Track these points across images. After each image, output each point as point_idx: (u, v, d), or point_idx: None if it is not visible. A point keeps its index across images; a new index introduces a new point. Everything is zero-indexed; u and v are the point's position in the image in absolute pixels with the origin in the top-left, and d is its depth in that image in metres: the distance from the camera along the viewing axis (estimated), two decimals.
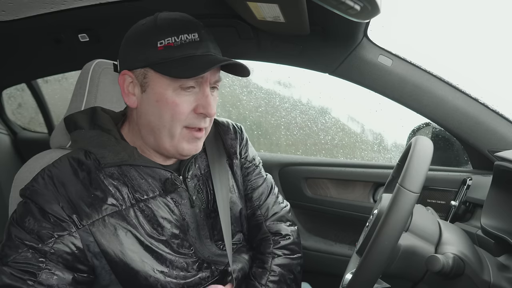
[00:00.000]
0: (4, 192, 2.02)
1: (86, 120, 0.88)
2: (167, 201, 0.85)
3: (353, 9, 0.85)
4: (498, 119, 1.25)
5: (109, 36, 1.49)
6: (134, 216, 0.81)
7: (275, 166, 1.69)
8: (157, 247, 0.82)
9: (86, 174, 0.79)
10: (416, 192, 0.69)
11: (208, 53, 0.79)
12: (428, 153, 0.74)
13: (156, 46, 0.76)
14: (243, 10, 1.12)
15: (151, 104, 0.80)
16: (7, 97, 2.38)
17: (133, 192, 0.81)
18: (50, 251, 0.73)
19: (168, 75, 0.77)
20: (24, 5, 1.28)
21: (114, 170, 0.81)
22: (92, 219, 0.77)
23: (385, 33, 1.39)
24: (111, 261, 0.78)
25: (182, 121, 0.80)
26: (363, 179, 1.54)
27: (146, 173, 0.84)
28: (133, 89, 0.82)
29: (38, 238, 0.73)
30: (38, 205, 0.75)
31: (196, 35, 0.78)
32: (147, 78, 0.79)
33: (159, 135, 0.81)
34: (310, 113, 2.20)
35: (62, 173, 0.79)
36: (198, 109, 0.80)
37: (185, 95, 0.79)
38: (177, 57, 0.76)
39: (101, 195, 0.79)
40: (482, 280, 0.76)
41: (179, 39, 0.76)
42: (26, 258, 0.72)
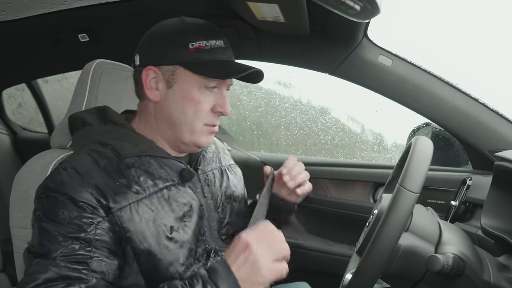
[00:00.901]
0: (4, 192, 2.02)
1: (96, 118, 0.91)
2: (185, 189, 0.89)
3: (353, 9, 0.85)
4: (498, 119, 1.25)
5: (109, 36, 1.49)
6: (158, 203, 0.83)
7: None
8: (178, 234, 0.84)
9: (108, 163, 0.81)
10: (416, 192, 0.69)
11: (231, 59, 0.88)
12: (428, 153, 0.74)
13: (188, 47, 0.83)
14: (243, 10, 1.12)
15: (176, 99, 0.85)
16: (7, 97, 2.38)
17: (154, 180, 0.84)
18: (95, 238, 0.74)
19: (203, 74, 0.83)
20: (24, 5, 1.28)
21: (134, 160, 0.84)
22: (120, 205, 0.78)
23: (385, 33, 1.39)
24: (136, 248, 0.79)
25: (202, 118, 0.86)
26: (363, 179, 1.54)
27: (164, 163, 0.88)
28: (156, 84, 0.86)
29: (79, 227, 0.73)
30: (68, 195, 0.75)
31: (222, 42, 0.86)
32: (175, 75, 0.84)
33: (180, 129, 0.86)
34: (310, 113, 2.20)
35: (83, 163, 0.79)
36: (216, 108, 0.87)
37: (207, 95, 0.85)
38: (207, 59, 0.83)
39: (125, 183, 0.80)
40: (482, 280, 0.76)
41: (209, 43, 0.84)
42: (74, 250, 0.72)
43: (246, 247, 0.70)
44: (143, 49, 0.88)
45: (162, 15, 1.38)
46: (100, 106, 0.94)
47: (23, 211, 0.88)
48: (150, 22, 1.46)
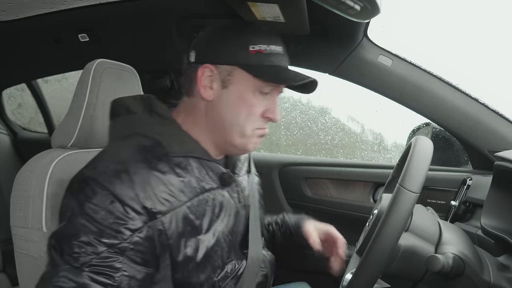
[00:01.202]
0: (4, 192, 2.02)
1: (141, 106, 0.87)
2: (224, 193, 0.88)
3: (353, 9, 0.85)
4: (498, 119, 1.25)
5: (109, 36, 1.49)
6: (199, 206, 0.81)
7: (275, 166, 1.69)
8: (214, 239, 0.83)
9: (157, 162, 0.77)
10: (416, 192, 0.69)
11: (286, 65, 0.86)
12: (428, 153, 0.74)
13: (248, 49, 0.81)
14: (243, 10, 1.12)
15: (230, 100, 0.83)
16: (7, 97, 2.39)
17: (198, 182, 0.82)
18: (129, 247, 0.70)
19: (262, 79, 0.81)
20: (24, 5, 1.28)
21: (180, 160, 0.81)
22: (165, 211, 0.75)
23: (385, 33, 1.39)
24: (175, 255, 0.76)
25: (253, 122, 0.84)
26: (363, 179, 1.54)
27: (207, 165, 0.86)
28: (211, 83, 0.83)
29: (116, 233, 0.69)
30: (113, 194, 0.70)
31: (281, 48, 0.85)
32: (232, 76, 0.82)
33: (230, 131, 0.84)
34: (310, 113, 2.20)
35: (131, 159, 0.75)
36: (267, 113, 0.85)
37: (260, 99, 0.84)
38: (266, 64, 0.82)
39: (172, 186, 0.77)
40: (482, 280, 0.76)
41: (269, 48, 0.82)
42: (105, 261, 0.68)
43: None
44: (201, 46, 0.85)
45: (162, 15, 1.38)
46: (145, 94, 0.90)
47: (23, 210, 0.88)
48: (150, 22, 1.47)
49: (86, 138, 0.99)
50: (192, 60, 0.85)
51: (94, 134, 0.99)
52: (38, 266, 0.86)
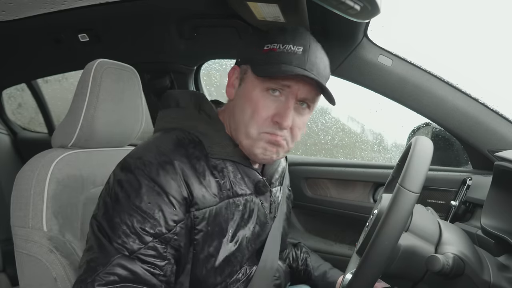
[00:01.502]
0: (4, 192, 2.02)
1: (191, 102, 0.89)
2: (257, 201, 0.88)
3: (353, 9, 0.85)
4: (498, 119, 1.25)
5: (109, 36, 1.49)
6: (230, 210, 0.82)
7: None
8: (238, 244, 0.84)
9: (196, 160, 0.79)
10: (416, 192, 0.69)
11: (301, 66, 0.79)
12: (428, 153, 0.74)
13: (262, 48, 0.80)
14: (243, 10, 1.12)
15: (241, 98, 0.84)
16: (7, 97, 2.39)
17: (232, 186, 0.83)
18: (174, 238, 0.73)
19: (255, 74, 0.81)
20: (24, 5, 1.28)
21: (218, 162, 0.83)
22: (199, 206, 0.77)
23: (385, 33, 1.39)
24: (198, 251, 0.78)
25: (259, 124, 0.81)
26: (363, 179, 1.54)
27: (244, 171, 0.87)
28: (235, 82, 0.87)
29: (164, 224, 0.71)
30: (159, 185, 0.72)
31: (301, 48, 0.79)
32: (246, 74, 0.84)
33: (239, 130, 0.84)
34: None
35: (175, 152, 0.77)
36: (275, 117, 0.80)
37: (269, 100, 0.80)
38: (273, 63, 0.78)
39: (208, 185, 0.79)
40: (482, 280, 0.76)
41: (283, 46, 0.79)
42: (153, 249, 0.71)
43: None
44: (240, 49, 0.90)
45: (162, 15, 1.38)
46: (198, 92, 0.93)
47: (24, 210, 0.88)
48: (150, 22, 1.47)
49: (87, 138, 0.99)
50: None
51: (94, 134, 0.99)
52: (39, 266, 0.86)
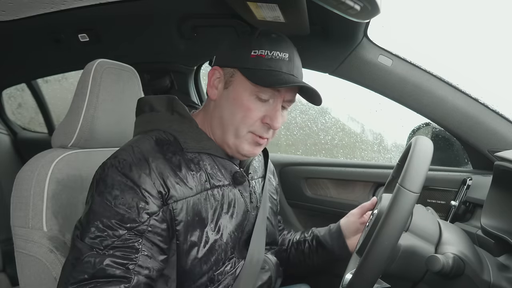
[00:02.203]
0: (4, 192, 2.02)
1: (164, 105, 0.93)
2: (236, 192, 0.92)
3: (353, 9, 0.85)
4: (498, 119, 1.25)
5: (109, 36, 1.49)
6: (209, 201, 0.85)
7: (275, 166, 1.68)
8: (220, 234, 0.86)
9: (172, 155, 0.83)
10: (416, 192, 0.69)
11: (290, 73, 0.86)
12: (428, 153, 0.74)
13: (250, 53, 0.85)
14: (243, 10, 1.12)
15: (228, 100, 0.88)
16: (7, 97, 2.39)
17: (209, 178, 0.87)
18: (148, 229, 0.76)
19: (251, 81, 0.84)
20: (24, 5, 1.28)
21: (194, 155, 0.86)
22: (176, 198, 0.80)
23: (385, 33, 1.39)
24: (181, 242, 0.81)
25: (249, 126, 0.87)
26: (363, 179, 1.54)
27: (220, 163, 0.91)
28: (218, 84, 0.90)
29: (136, 216, 0.75)
30: (132, 180, 0.76)
31: (287, 55, 0.86)
32: (233, 78, 0.87)
33: (226, 130, 0.88)
34: (310, 113, 2.19)
35: (150, 150, 0.81)
36: (266, 119, 0.87)
37: (258, 104, 0.86)
38: (263, 68, 0.84)
39: (184, 178, 0.82)
40: (482, 280, 0.76)
41: (271, 53, 0.85)
42: (125, 242, 0.74)
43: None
44: (218, 51, 0.93)
45: (162, 15, 1.38)
46: (169, 95, 0.96)
47: (24, 210, 0.89)
48: (150, 22, 1.47)
49: (87, 138, 0.99)
50: (212, 64, 0.91)
51: (94, 134, 0.99)
52: (39, 266, 0.86)
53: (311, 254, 1.16)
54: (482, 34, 1.81)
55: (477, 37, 1.82)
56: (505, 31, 1.74)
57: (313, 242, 1.16)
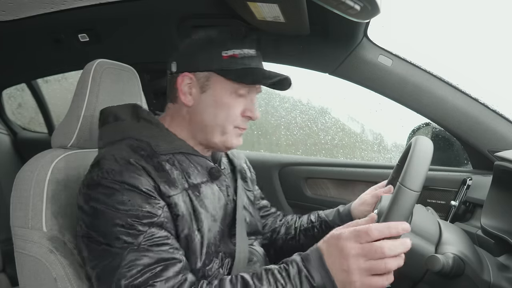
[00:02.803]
0: (4, 192, 2.02)
1: (128, 113, 0.94)
2: (214, 187, 0.93)
3: (353, 9, 0.85)
4: (498, 119, 1.25)
5: (109, 36, 1.49)
6: (190, 199, 0.86)
7: (275, 166, 1.69)
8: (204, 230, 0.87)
9: (149, 158, 0.84)
10: (416, 190, 0.69)
11: (259, 67, 0.92)
12: (428, 153, 0.74)
13: (221, 55, 0.88)
14: (243, 10, 1.12)
15: (209, 104, 0.90)
16: (7, 97, 2.39)
17: (187, 177, 0.88)
18: (165, 221, 0.78)
19: (234, 80, 0.88)
20: (24, 5, 1.28)
21: (168, 157, 0.87)
22: (167, 195, 0.81)
23: (385, 33, 1.39)
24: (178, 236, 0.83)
25: (233, 122, 0.91)
26: (363, 179, 1.54)
27: (195, 160, 0.92)
28: (190, 89, 0.91)
29: (150, 213, 0.76)
30: (129, 184, 0.77)
31: (254, 51, 0.91)
32: (210, 81, 0.89)
33: (212, 131, 0.91)
34: (310, 113, 2.20)
35: (130, 155, 0.82)
36: (246, 112, 0.91)
37: (238, 100, 0.90)
38: (238, 67, 0.88)
39: (166, 177, 0.84)
40: (482, 280, 0.76)
41: (242, 51, 0.89)
42: (153, 235, 0.75)
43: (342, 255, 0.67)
44: (180, 57, 0.92)
45: (162, 15, 1.38)
46: (132, 104, 0.97)
47: (23, 210, 0.88)
48: (150, 22, 1.47)
49: (86, 138, 0.99)
50: (174, 70, 0.92)
51: (94, 134, 0.99)
52: (38, 266, 0.86)
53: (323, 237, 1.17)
54: (482, 34, 1.81)
55: (477, 37, 1.83)
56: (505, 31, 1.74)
57: (322, 227, 1.16)
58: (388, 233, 0.66)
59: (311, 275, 0.69)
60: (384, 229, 0.66)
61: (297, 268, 0.70)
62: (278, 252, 1.19)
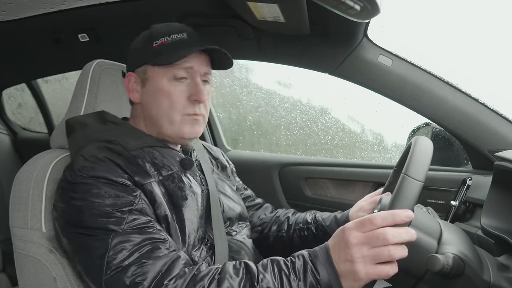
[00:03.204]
0: (4, 192, 2.02)
1: (94, 120, 0.95)
2: (187, 176, 0.95)
3: (353, 9, 0.85)
4: (498, 119, 1.25)
5: (109, 36, 1.49)
6: (164, 190, 0.87)
7: (275, 166, 1.69)
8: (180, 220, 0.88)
9: (118, 155, 0.85)
10: (420, 180, 0.69)
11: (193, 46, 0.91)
12: (429, 147, 0.75)
13: (152, 46, 0.91)
14: (243, 10, 1.12)
15: (151, 95, 0.92)
16: (7, 97, 2.39)
17: (159, 168, 0.89)
18: (143, 207, 0.79)
19: (160, 63, 0.89)
20: (24, 5, 1.28)
21: (138, 152, 0.88)
22: (142, 183, 0.83)
23: (385, 33, 1.39)
24: None
25: (180, 109, 0.91)
26: (363, 179, 1.54)
27: (165, 153, 0.93)
28: (135, 86, 0.95)
29: (128, 201, 0.78)
30: (103, 177, 0.78)
31: (185, 34, 0.92)
32: (147, 74, 0.92)
33: (160, 123, 0.92)
34: (310, 113, 2.20)
35: (99, 153, 0.83)
36: (191, 97, 0.91)
37: (178, 86, 0.91)
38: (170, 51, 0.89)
39: (138, 169, 0.85)
40: (482, 280, 0.76)
41: (170, 38, 0.91)
42: (135, 219, 0.76)
43: (346, 245, 0.67)
44: (127, 59, 0.98)
45: (162, 15, 1.38)
46: (97, 111, 0.99)
47: (23, 210, 0.88)
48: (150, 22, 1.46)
49: None
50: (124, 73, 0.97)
51: None
52: (38, 266, 0.86)
53: (316, 241, 1.16)
54: (482, 34, 1.81)
55: (477, 37, 1.82)
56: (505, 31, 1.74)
57: (318, 231, 1.16)
58: (392, 221, 0.65)
59: (317, 269, 0.68)
60: (387, 216, 0.66)
61: (303, 261, 0.70)
62: (270, 248, 1.19)
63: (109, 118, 0.96)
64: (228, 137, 2.11)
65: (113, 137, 0.89)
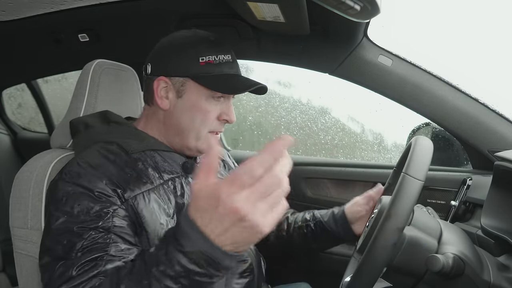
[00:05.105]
0: (4, 192, 2.02)
1: (98, 120, 0.95)
2: (189, 181, 0.94)
3: (353, 9, 0.85)
4: (498, 119, 1.25)
5: (109, 36, 1.49)
6: (165, 194, 0.87)
7: None
8: None
9: (117, 158, 0.85)
10: (421, 179, 0.69)
11: (237, 73, 0.93)
12: (429, 147, 0.75)
13: (198, 61, 0.88)
14: (243, 10, 1.12)
15: (185, 109, 0.90)
16: (7, 97, 2.39)
17: (160, 172, 0.89)
18: (113, 225, 0.76)
19: (212, 89, 0.88)
20: (24, 5, 1.28)
21: (139, 154, 0.88)
22: (134, 193, 0.81)
23: (385, 33, 1.39)
24: (150, 233, 0.82)
25: (208, 126, 0.91)
26: (363, 179, 1.54)
27: (167, 156, 0.93)
28: (166, 93, 0.91)
29: (97, 217, 0.75)
30: (83, 186, 0.77)
31: (230, 56, 0.92)
32: (185, 86, 0.90)
33: (187, 135, 0.91)
34: (310, 113, 2.20)
35: (94, 158, 0.83)
36: (222, 116, 0.92)
37: (214, 104, 0.91)
38: (215, 73, 0.89)
39: (136, 174, 0.84)
40: (482, 280, 0.76)
41: (218, 58, 0.89)
42: (94, 239, 0.74)
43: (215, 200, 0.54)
44: (155, 59, 0.93)
45: (162, 15, 1.38)
46: (101, 111, 0.98)
47: (23, 211, 0.88)
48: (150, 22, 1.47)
49: None
50: (149, 72, 0.92)
51: None
52: (37, 266, 0.86)
53: (315, 238, 1.17)
54: (483, 34, 1.81)
55: (477, 37, 1.82)
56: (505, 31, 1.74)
57: (317, 228, 1.16)
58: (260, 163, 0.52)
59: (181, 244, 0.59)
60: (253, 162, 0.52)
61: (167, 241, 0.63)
62: (270, 247, 1.19)
63: (113, 118, 0.96)
64: (228, 137, 2.11)
65: (116, 139, 0.89)
